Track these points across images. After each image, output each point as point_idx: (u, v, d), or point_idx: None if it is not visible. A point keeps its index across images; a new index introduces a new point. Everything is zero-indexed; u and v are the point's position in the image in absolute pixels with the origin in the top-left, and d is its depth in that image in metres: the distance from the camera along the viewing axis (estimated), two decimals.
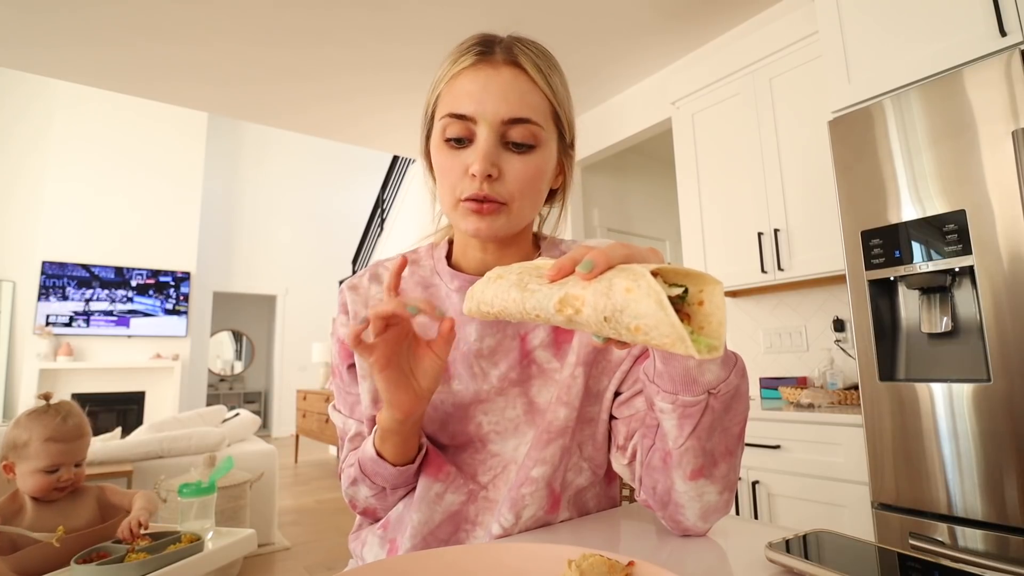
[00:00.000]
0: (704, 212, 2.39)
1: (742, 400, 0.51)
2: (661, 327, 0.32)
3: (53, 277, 5.99)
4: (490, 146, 0.57)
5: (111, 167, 6.45)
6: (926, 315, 1.36)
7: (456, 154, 0.59)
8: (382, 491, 0.63)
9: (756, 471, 1.81)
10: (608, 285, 0.35)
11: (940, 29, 1.45)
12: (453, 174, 0.59)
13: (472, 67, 0.59)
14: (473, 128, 0.58)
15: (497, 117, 0.57)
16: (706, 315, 0.37)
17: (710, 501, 0.52)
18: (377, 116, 3.61)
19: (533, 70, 0.60)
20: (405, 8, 2.47)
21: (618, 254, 0.38)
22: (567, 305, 0.37)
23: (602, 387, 0.63)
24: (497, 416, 0.63)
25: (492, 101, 0.57)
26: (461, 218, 0.60)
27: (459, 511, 0.61)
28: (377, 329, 0.50)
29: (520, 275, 0.42)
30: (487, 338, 0.63)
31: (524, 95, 0.58)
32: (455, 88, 0.59)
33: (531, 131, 0.58)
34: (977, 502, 1.21)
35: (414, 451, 0.60)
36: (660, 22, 2.62)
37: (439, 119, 0.60)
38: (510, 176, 0.58)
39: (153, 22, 2.54)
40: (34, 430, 1.28)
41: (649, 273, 0.34)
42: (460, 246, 0.68)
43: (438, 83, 0.62)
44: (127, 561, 1.11)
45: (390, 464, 0.59)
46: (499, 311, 0.42)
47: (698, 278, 0.37)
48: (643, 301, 0.33)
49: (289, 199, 8.38)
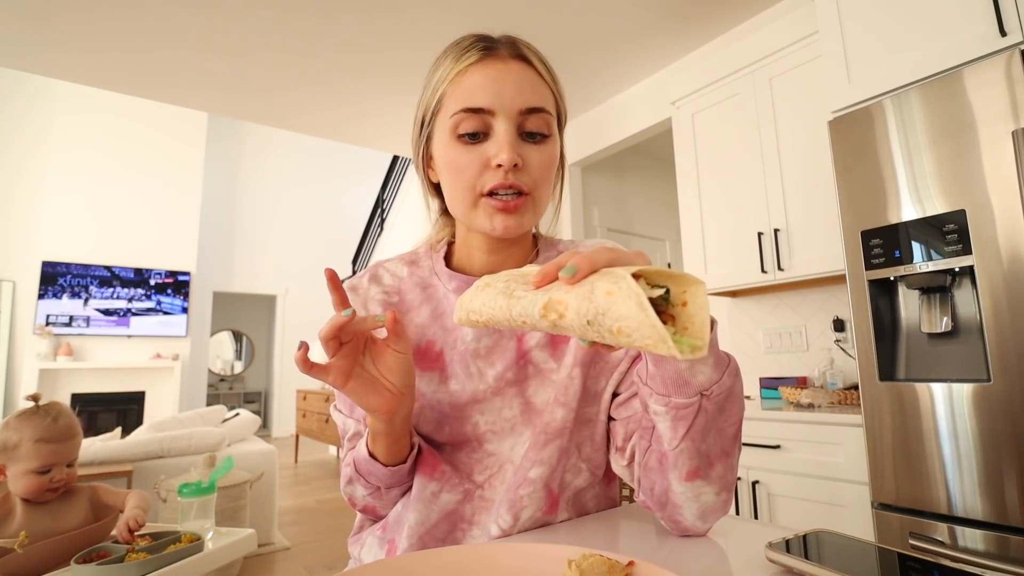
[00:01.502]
0: (704, 212, 2.39)
1: (736, 401, 0.51)
2: (642, 328, 0.33)
3: (53, 277, 5.99)
4: (512, 136, 0.57)
5: (111, 167, 6.45)
6: (926, 315, 1.36)
7: (472, 148, 0.58)
8: (377, 490, 0.63)
9: (756, 471, 1.81)
10: (590, 289, 0.35)
11: (940, 29, 1.45)
12: (472, 169, 0.58)
13: (479, 62, 0.59)
14: (490, 121, 0.57)
15: (515, 108, 0.57)
16: (689, 315, 0.37)
17: (707, 502, 0.52)
18: (379, 118, 3.62)
19: (538, 63, 0.61)
20: (406, 12, 2.47)
21: (602, 258, 0.38)
22: (551, 310, 0.37)
23: (600, 388, 0.63)
24: (494, 416, 0.62)
25: (508, 92, 0.57)
26: (485, 217, 0.59)
27: (455, 510, 0.61)
28: (332, 350, 0.51)
29: (507, 282, 0.42)
30: (484, 338, 0.63)
31: (535, 86, 0.59)
32: (464, 84, 0.58)
33: (546, 120, 0.59)
34: (977, 502, 1.21)
35: (406, 451, 0.60)
36: (660, 22, 2.62)
37: (450, 116, 0.58)
38: (532, 165, 0.59)
39: (159, 25, 2.54)
40: (24, 431, 1.26)
41: (630, 275, 0.34)
42: (463, 248, 0.68)
43: (439, 82, 0.61)
44: (127, 561, 1.11)
45: (381, 464, 0.59)
46: (487, 319, 0.42)
47: (681, 279, 0.37)
48: (624, 303, 0.33)
49: (289, 199, 8.38)
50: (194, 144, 7.03)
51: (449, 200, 0.62)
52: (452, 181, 0.60)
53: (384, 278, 0.70)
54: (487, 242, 0.65)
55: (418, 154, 0.66)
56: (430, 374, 0.64)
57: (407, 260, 0.72)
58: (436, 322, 0.66)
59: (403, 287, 0.69)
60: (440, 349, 0.64)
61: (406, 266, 0.71)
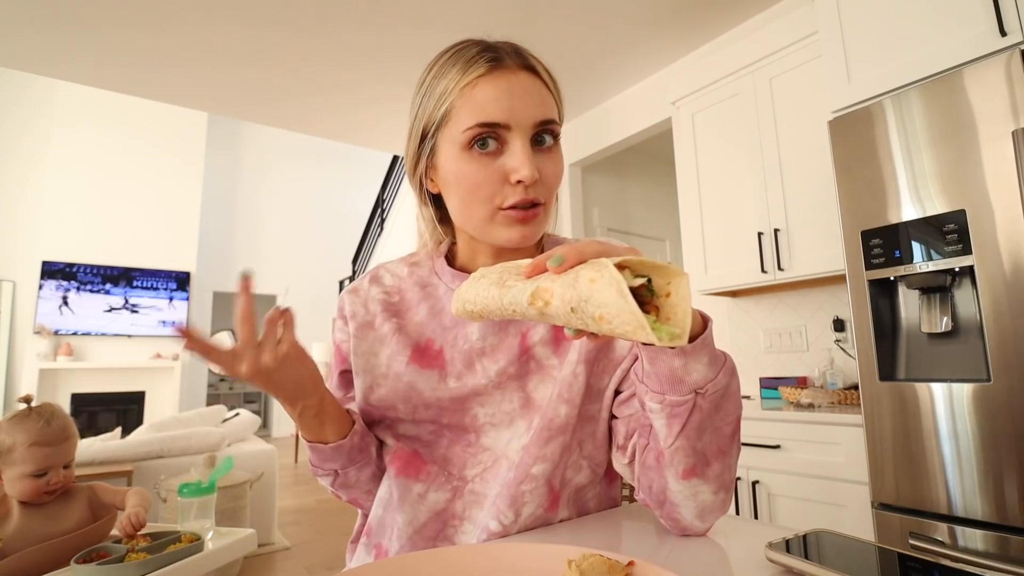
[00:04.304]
0: (704, 212, 2.39)
1: (732, 400, 0.51)
2: (622, 315, 0.33)
3: (53, 277, 5.99)
4: (529, 150, 0.57)
5: (111, 167, 6.45)
6: (926, 315, 1.36)
7: (488, 163, 0.57)
8: (335, 474, 0.65)
9: (756, 471, 1.81)
10: (575, 277, 0.36)
11: (940, 29, 1.45)
12: (489, 185, 0.57)
13: (488, 74, 0.58)
14: (504, 135, 0.57)
15: (529, 122, 0.57)
16: (673, 306, 0.38)
17: (705, 500, 0.52)
18: (380, 119, 3.62)
19: (543, 72, 0.61)
20: (407, 15, 2.47)
21: (591, 249, 0.39)
22: (538, 298, 0.38)
23: (603, 385, 0.63)
24: (493, 408, 0.63)
25: (522, 106, 0.57)
26: (503, 228, 0.59)
27: (445, 508, 0.62)
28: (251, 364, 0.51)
29: (500, 273, 0.43)
30: (489, 337, 0.63)
31: (544, 98, 0.60)
32: (475, 97, 0.57)
33: (555, 131, 0.60)
34: (977, 502, 1.21)
35: (344, 428, 0.62)
36: (660, 21, 2.62)
37: (462, 131, 0.57)
38: (547, 176, 0.59)
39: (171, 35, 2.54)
40: (17, 435, 1.23)
41: (612, 264, 0.35)
42: (467, 252, 0.68)
43: (445, 93, 0.59)
44: (127, 561, 1.11)
45: (321, 444, 0.62)
46: (481, 309, 0.43)
47: (665, 270, 0.38)
48: (605, 290, 0.34)
49: (289, 199, 8.38)
50: (194, 144, 7.02)
51: (459, 213, 0.62)
52: (465, 195, 0.59)
53: (385, 279, 0.71)
54: (494, 248, 0.65)
55: (416, 163, 0.65)
56: (429, 372, 0.64)
57: (409, 261, 0.73)
58: (434, 319, 0.66)
59: (403, 286, 0.70)
60: (440, 347, 0.65)
61: (407, 266, 0.72)
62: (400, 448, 0.65)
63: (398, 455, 0.65)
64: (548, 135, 0.60)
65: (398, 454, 0.65)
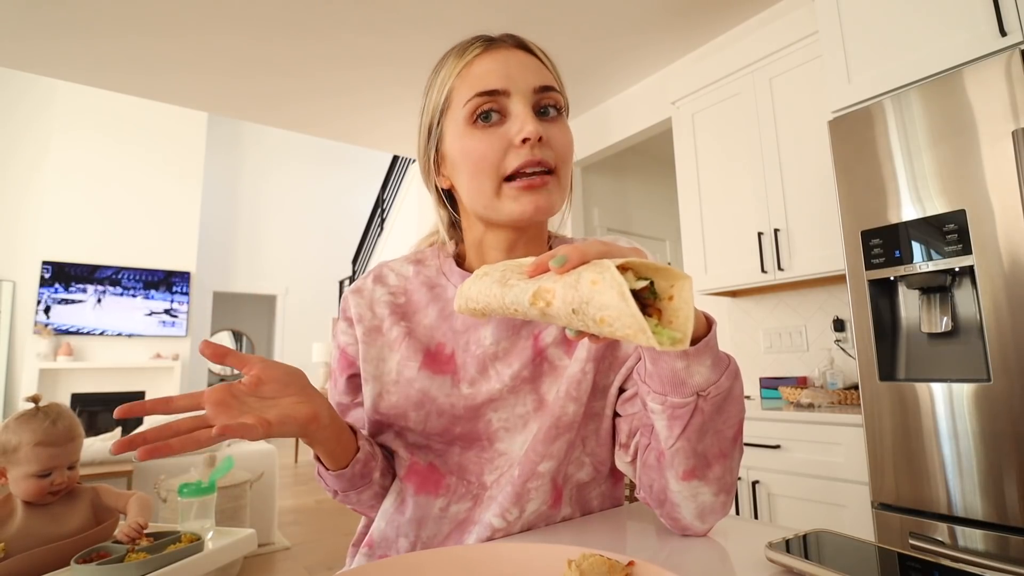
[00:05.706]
0: (704, 212, 2.39)
1: (735, 403, 0.50)
2: (623, 318, 0.33)
3: (53, 276, 5.99)
4: (532, 113, 0.57)
5: (111, 167, 6.44)
6: (926, 315, 1.36)
7: (491, 132, 0.57)
8: (334, 493, 0.63)
9: (756, 471, 1.81)
10: (576, 278, 0.36)
11: (940, 29, 1.45)
12: (493, 153, 0.57)
13: (484, 53, 0.59)
14: (505, 102, 0.57)
15: (529, 85, 0.58)
16: (675, 309, 0.38)
17: (705, 502, 0.52)
18: (381, 120, 3.62)
19: (541, 54, 0.62)
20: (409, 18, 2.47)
21: (593, 250, 0.38)
22: (539, 298, 0.38)
23: (608, 382, 0.63)
24: (507, 412, 0.62)
25: (520, 72, 0.58)
26: (511, 202, 0.58)
27: (467, 518, 0.61)
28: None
29: (503, 272, 0.43)
30: (503, 341, 0.62)
31: (541, 69, 0.61)
32: (473, 73, 0.59)
33: (557, 98, 0.60)
34: (977, 502, 1.21)
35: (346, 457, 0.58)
36: (660, 21, 2.62)
37: (462, 105, 0.58)
38: (555, 140, 0.59)
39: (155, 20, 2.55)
40: (23, 434, 1.24)
41: (614, 266, 0.35)
42: (475, 249, 0.66)
43: (445, 79, 0.61)
44: (127, 561, 1.11)
45: (325, 468, 0.60)
46: (483, 307, 0.43)
47: (668, 273, 0.38)
48: (607, 293, 0.34)
49: (289, 199, 8.38)
50: (194, 144, 7.02)
51: (468, 195, 0.61)
52: (472, 170, 0.58)
53: (389, 278, 0.68)
54: (506, 240, 0.63)
55: (427, 161, 0.65)
56: (442, 378, 0.62)
57: (413, 259, 0.70)
58: (445, 323, 0.64)
59: (409, 287, 0.67)
60: (451, 351, 0.63)
61: (412, 265, 0.69)
62: (414, 462, 0.63)
63: (413, 470, 0.63)
64: (552, 107, 0.59)
65: (413, 468, 0.63)
